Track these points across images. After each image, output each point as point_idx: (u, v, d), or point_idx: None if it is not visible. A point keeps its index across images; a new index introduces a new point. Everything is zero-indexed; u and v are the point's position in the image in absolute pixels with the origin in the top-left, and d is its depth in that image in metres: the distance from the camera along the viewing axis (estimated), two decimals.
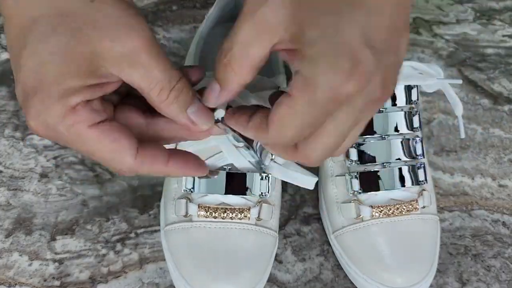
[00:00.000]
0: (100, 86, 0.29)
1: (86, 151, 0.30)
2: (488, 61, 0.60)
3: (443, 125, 0.54)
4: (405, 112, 0.43)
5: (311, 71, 0.27)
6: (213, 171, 0.39)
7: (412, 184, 0.43)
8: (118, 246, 0.45)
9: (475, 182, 0.51)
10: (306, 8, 0.27)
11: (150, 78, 0.29)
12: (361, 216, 0.42)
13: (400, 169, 0.43)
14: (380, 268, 0.41)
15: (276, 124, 0.29)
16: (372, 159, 0.43)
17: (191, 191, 0.41)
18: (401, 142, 0.43)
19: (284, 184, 0.49)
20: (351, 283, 0.44)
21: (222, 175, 0.40)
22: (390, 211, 0.42)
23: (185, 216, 0.41)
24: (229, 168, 0.40)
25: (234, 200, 0.41)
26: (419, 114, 0.44)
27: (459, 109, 0.45)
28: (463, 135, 0.46)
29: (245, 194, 0.41)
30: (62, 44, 0.28)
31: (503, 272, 0.46)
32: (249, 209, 0.41)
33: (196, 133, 0.33)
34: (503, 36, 0.62)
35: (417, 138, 0.44)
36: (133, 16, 0.29)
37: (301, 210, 0.48)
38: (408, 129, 0.43)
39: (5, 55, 0.57)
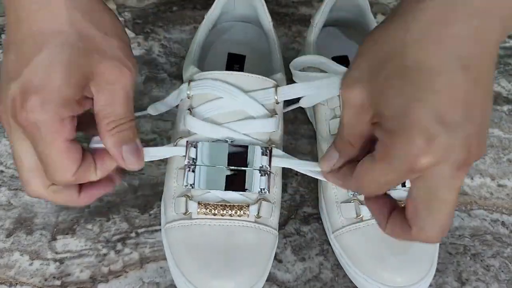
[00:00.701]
0: (82, 102, 0.34)
1: (41, 152, 0.34)
2: None
3: None
4: None
5: (389, 144, 0.31)
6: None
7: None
8: (119, 246, 0.46)
9: (474, 182, 0.51)
10: (380, 93, 0.31)
11: (111, 109, 0.35)
12: (361, 216, 0.42)
13: None
14: (380, 268, 0.41)
15: (358, 178, 0.34)
16: None
17: (192, 187, 0.41)
18: None
19: (284, 184, 0.49)
20: (351, 282, 0.44)
21: (223, 171, 0.40)
22: None
23: (185, 213, 0.41)
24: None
25: (233, 197, 0.41)
26: None
27: None
28: None
29: (245, 191, 0.41)
30: (74, 58, 0.33)
31: (502, 271, 0.46)
32: (248, 206, 0.41)
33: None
34: None
35: None
36: (128, 57, 0.35)
37: (300, 210, 0.49)
38: None
39: None
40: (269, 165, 0.41)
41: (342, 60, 0.50)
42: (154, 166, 0.50)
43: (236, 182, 0.41)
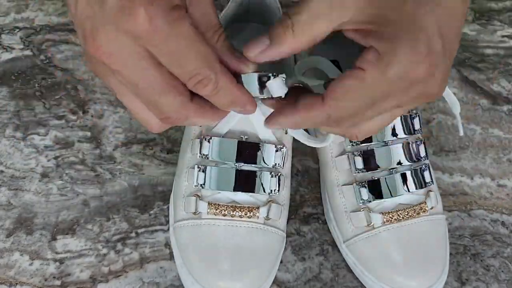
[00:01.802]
0: None
1: (167, 50, 0.29)
2: (487, 62, 0.60)
3: (442, 125, 0.54)
4: (402, 117, 0.43)
5: (388, 49, 0.29)
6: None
7: (421, 187, 0.43)
8: (119, 246, 0.46)
9: (474, 182, 0.51)
10: None
11: (207, 20, 0.31)
12: (372, 224, 0.42)
13: (406, 174, 0.43)
14: (396, 274, 0.41)
15: (339, 96, 0.30)
16: (377, 166, 0.42)
17: (202, 187, 0.41)
18: (402, 146, 0.43)
19: None
20: (351, 282, 0.44)
21: (232, 172, 0.40)
22: (401, 216, 0.42)
23: (195, 213, 0.41)
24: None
25: (243, 198, 0.41)
26: (419, 116, 0.44)
27: (456, 107, 0.45)
28: (461, 133, 0.46)
29: (254, 192, 0.41)
30: None
31: (502, 271, 0.46)
32: (258, 208, 0.41)
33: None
34: (502, 36, 0.62)
35: (419, 141, 0.44)
36: None
37: (301, 210, 0.49)
38: (405, 133, 0.43)
39: (5, 55, 0.57)
40: (283, 164, 0.41)
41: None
42: (154, 166, 0.50)
43: (245, 183, 0.41)
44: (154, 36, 0.28)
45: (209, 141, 0.41)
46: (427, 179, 0.43)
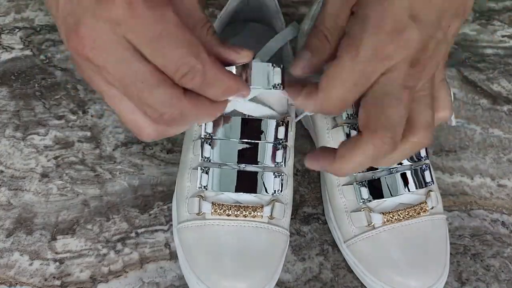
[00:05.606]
0: None
1: (148, 37, 0.27)
2: (487, 61, 0.60)
3: (442, 125, 0.54)
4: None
5: (357, 31, 0.30)
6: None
7: (421, 187, 0.43)
8: (119, 246, 0.46)
9: (474, 182, 0.51)
10: None
11: (193, 15, 0.31)
12: (372, 224, 0.42)
13: (406, 174, 0.43)
14: (396, 274, 0.41)
15: (325, 85, 0.31)
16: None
17: (205, 189, 0.41)
18: None
19: None
20: (351, 282, 0.44)
21: (234, 173, 0.40)
22: (401, 216, 0.42)
23: (198, 214, 0.41)
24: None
25: (247, 198, 0.41)
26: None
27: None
28: (454, 123, 0.45)
29: (256, 193, 0.41)
30: None
31: (502, 271, 0.46)
32: (261, 207, 0.41)
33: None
34: (503, 36, 0.62)
35: None
36: None
37: (301, 210, 0.49)
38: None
39: (5, 56, 0.57)
40: (284, 163, 0.41)
41: None
42: (154, 166, 0.50)
43: (248, 183, 0.41)
44: (133, 21, 0.27)
45: (210, 144, 0.41)
46: (428, 179, 0.43)
